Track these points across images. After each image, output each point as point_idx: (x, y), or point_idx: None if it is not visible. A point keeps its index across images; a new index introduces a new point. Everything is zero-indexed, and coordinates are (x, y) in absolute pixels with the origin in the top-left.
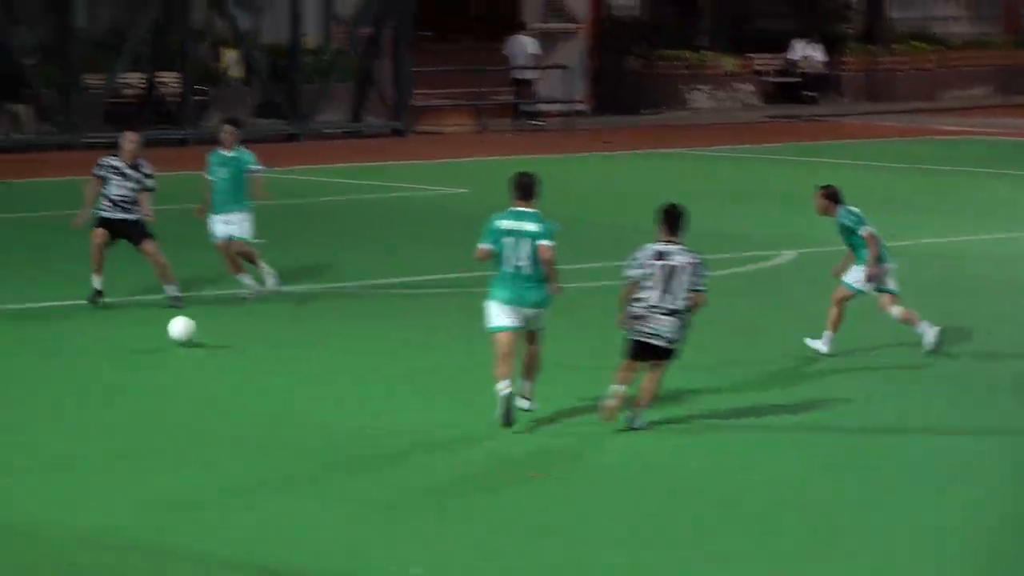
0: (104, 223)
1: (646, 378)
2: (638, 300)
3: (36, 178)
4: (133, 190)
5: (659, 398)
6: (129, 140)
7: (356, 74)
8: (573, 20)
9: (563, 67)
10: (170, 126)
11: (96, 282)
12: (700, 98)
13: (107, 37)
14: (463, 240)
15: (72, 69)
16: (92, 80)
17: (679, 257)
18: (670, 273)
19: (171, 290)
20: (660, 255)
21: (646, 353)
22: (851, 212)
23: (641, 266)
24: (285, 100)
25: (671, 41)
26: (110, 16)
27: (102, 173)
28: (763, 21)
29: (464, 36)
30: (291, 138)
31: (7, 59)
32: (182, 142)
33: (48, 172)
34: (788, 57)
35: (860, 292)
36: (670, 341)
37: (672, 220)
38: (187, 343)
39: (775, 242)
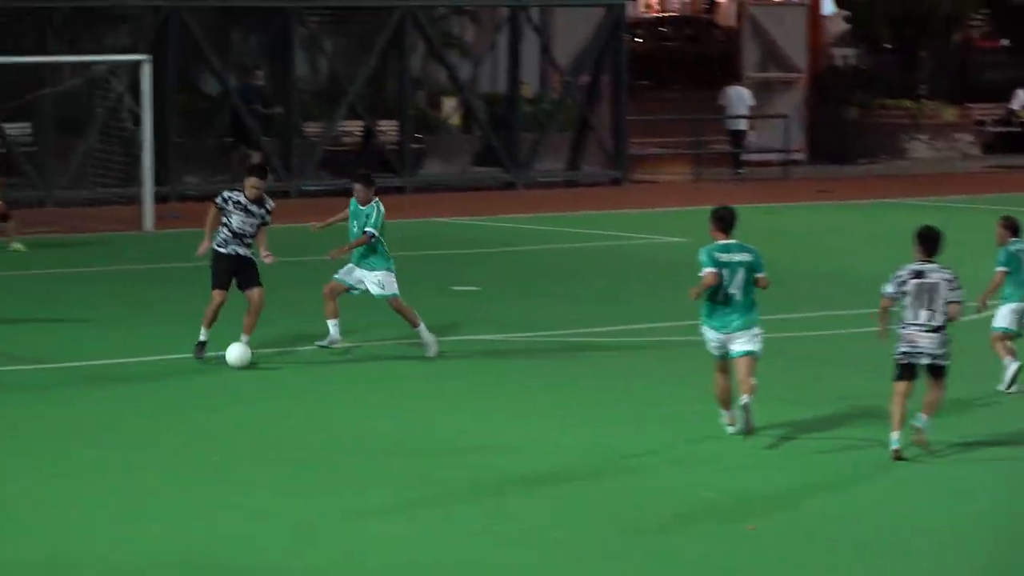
0: (223, 277)
1: (928, 395)
2: (901, 320)
3: None
4: (254, 225)
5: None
6: (252, 185)
7: (574, 122)
8: (793, 70)
9: (783, 116)
10: (388, 174)
11: (203, 334)
12: (919, 148)
13: (326, 85)
14: (680, 288)
15: (292, 116)
16: (311, 128)
17: (936, 275)
18: (929, 290)
19: (244, 339)
20: (917, 273)
21: (912, 372)
22: (1007, 249)
23: (900, 283)
24: (503, 148)
25: (890, 90)
26: (329, 64)
27: (224, 206)
28: (984, 71)
29: (680, 85)
30: (509, 186)
31: (230, 105)
32: (400, 190)
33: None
34: (1009, 107)
35: (1008, 330)
36: (934, 357)
37: (928, 241)
38: (242, 367)
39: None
